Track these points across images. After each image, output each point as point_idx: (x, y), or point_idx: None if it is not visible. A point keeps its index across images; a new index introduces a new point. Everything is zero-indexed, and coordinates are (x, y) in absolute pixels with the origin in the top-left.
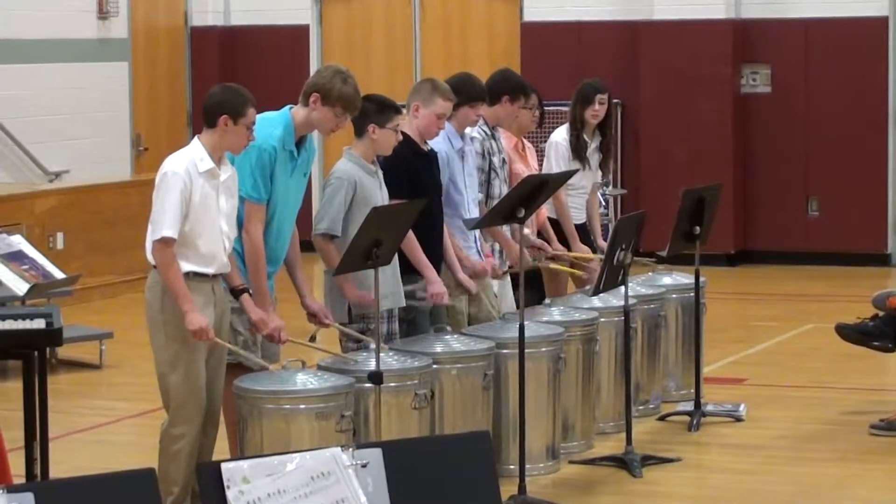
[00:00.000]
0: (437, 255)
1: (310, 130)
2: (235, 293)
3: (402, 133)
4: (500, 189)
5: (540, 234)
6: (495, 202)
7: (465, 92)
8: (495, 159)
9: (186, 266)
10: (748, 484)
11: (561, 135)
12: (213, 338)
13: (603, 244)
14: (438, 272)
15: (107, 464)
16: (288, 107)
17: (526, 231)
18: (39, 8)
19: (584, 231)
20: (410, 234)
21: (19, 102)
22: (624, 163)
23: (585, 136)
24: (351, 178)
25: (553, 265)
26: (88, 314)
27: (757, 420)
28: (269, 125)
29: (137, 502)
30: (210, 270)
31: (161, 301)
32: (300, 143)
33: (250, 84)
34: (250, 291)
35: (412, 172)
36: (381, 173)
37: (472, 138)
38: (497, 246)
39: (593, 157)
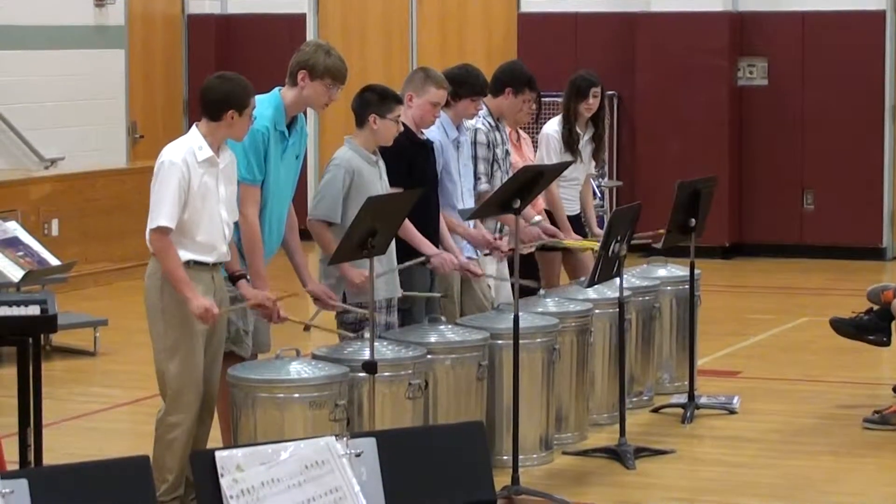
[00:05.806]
0: (434, 243)
1: (301, 110)
2: (233, 279)
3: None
4: (503, 180)
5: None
6: None
7: (469, 84)
8: (499, 151)
9: (186, 255)
10: (741, 476)
11: (553, 127)
12: (217, 315)
13: (599, 232)
14: None
15: (101, 451)
16: (277, 88)
17: (538, 217)
18: None
19: (577, 222)
20: (406, 221)
21: (15, 89)
22: (619, 155)
23: (578, 129)
24: (350, 166)
25: (568, 242)
26: (83, 301)
27: (750, 413)
28: (260, 106)
29: (131, 489)
30: (210, 259)
31: (160, 289)
32: (291, 124)
33: (247, 73)
34: (247, 277)
35: (410, 162)
36: (382, 163)
37: (476, 129)
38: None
39: (586, 148)
